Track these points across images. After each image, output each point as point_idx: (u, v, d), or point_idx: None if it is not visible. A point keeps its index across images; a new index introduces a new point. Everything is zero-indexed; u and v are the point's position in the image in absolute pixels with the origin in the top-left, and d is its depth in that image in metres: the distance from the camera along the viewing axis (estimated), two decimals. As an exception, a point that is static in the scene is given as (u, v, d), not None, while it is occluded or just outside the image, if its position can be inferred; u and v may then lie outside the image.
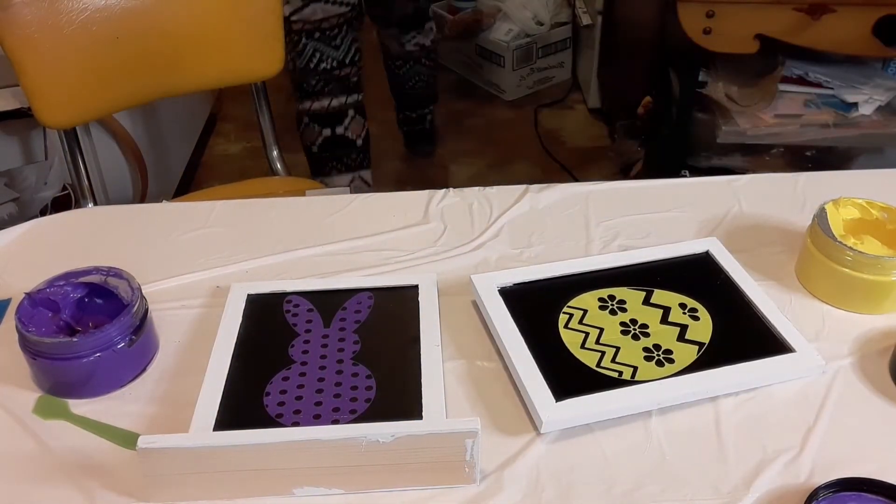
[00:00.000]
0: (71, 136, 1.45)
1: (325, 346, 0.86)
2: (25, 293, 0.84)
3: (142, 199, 2.04)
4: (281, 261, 0.99)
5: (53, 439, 0.77)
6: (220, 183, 2.42)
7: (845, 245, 0.89)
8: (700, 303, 0.90)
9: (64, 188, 1.85)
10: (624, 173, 2.34)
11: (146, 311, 0.85)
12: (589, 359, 0.83)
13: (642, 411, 0.79)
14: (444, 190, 1.11)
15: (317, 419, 0.78)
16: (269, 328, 0.88)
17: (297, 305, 0.91)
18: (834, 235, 0.90)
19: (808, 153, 1.91)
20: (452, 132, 2.73)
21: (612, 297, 0.91)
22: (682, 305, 0.90)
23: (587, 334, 0.86)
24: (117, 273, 0.86)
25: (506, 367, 0.84)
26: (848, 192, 0.98)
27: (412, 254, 1.00)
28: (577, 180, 2.42)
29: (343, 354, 0.85)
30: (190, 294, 0.94)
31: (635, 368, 0.82)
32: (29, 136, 1.87)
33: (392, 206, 1.09)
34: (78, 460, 0.75)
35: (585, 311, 0.89)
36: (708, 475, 0.73)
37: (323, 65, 1.94)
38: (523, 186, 1.11)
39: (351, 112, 2.01)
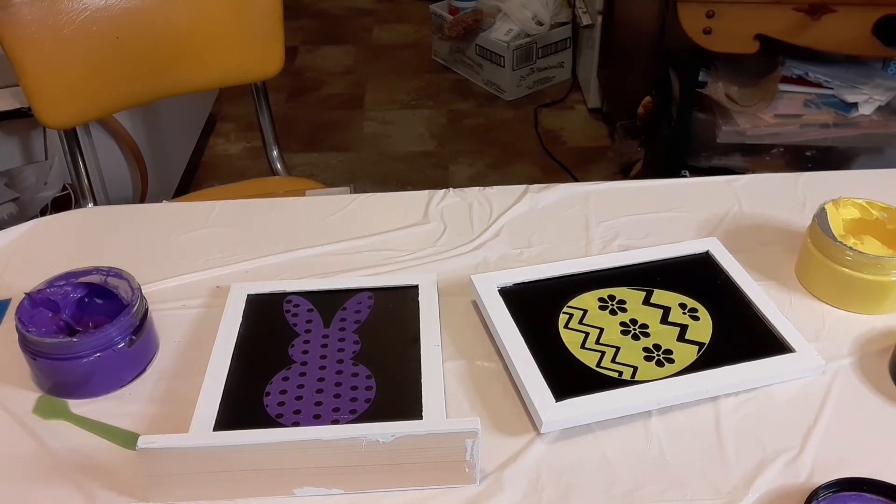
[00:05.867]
0: (71, 136, 1.45)
1: (325, 346, 0.86)
2: (25, 293, 0.84)
3: (142, 199, 2.04)
4: (281, 261, 0.99)
5: (53, 439, 0.77)
6: (220, 183, 2.42)
7: (845, 245, 0.89)
8: (700, 303, 0.90)
9: (64, 188, 1.85)
10: (624, 173, 2.34)
11: (146, 311, 0.85)
12: (589, 359, 0.83)
13: (642, 411, 0.79)
14: (444, 190, 1.11)
15: (317, 419, 0.78)
16: (269, 328, 0.88)
17: (297, 305, 0.91)
18: (834, 235, 0.90)
19: (808, 153, 1.91)
20: (452, 132, 2.74)
21: (612, 297, 0.91)
22: (682, 305, 0.90)
23: (587, 334, 0.86)
24: (117, 273, 0.86)
25: (506, 367, 0.84)
26: (848, 192, 0.98)
27: (412, 254, 1.00)
28: (577, 180, 2.42)
29: (343, 354, 0.85)
30: (190, 294, 0.94)
31: (635, 368, 0.82)
32: (29, 136, 1.87)
33: (392, 206, 1.09)
34: (78, 460, 0.75)
35: (585, 311, 0.89)
36: (708, 475, 0.73)
37: None
38: (523, 186, 1.11)
39: None
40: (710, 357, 0.83)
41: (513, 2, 2.85)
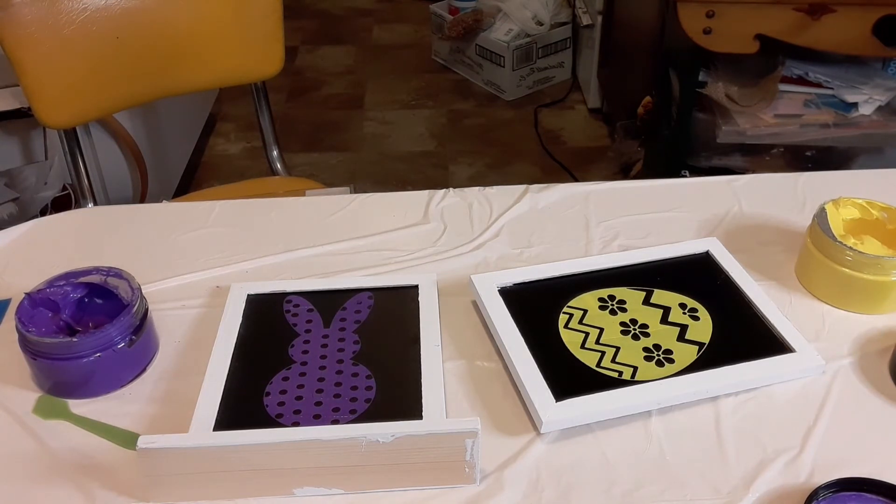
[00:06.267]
0: (71, 136, 1.45)
1: (325, 346, 0.86)
2: (25, 293, 0.84)
3: (142, 199, 2.04)
4: (281, 261, 0.99)
5: (53, 439, 0.77)
6: (220, 183, 2.42)
7: (845, 245, 0.89)
8: (700, 303, 0.90)
9: (64, 188, 1.85)
10: (624, 173, 2.34)
11: (146, 311, 0.85)
12: (589, 359, 0.83)
13: (642, 411, 0.79)
14: (444, 190, 1.11)
15: (317, 419, 0.78)
16: (269, 328, 0.88)
17: (297, 305, 0.91)
18: (834, 235, 0.90)
19: (808, 153, 1.91)
20: (452, 132, 2.74)
21: (612, 297, 0.91)
22: (682, 305, 0.90)
23: (587, 334, 0.86)
24: (117, 273, 0.86)
25: (506, 367, 0.84)
26: (848, 192, 0.98)
27: (412, 254, 1.00)
28: (577, 180, 2.42)
29: (343, 354, 0.85)
30: (190, 294, 0.94)
31: (635, 368, 0.82)
32: (29, 136, 1.87)
33: (392, 206, 1.09)
34: (78, 460, 0.75)
35: (585, 311, 0.89)
36: (708, 475, 0.73)
37: None
38: (523, 186, 1.11)
39: None
40: (710, 357, 0.83)
41: (513, 2, 2.85)
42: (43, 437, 0.78)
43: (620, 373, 0.81)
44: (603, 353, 0.84)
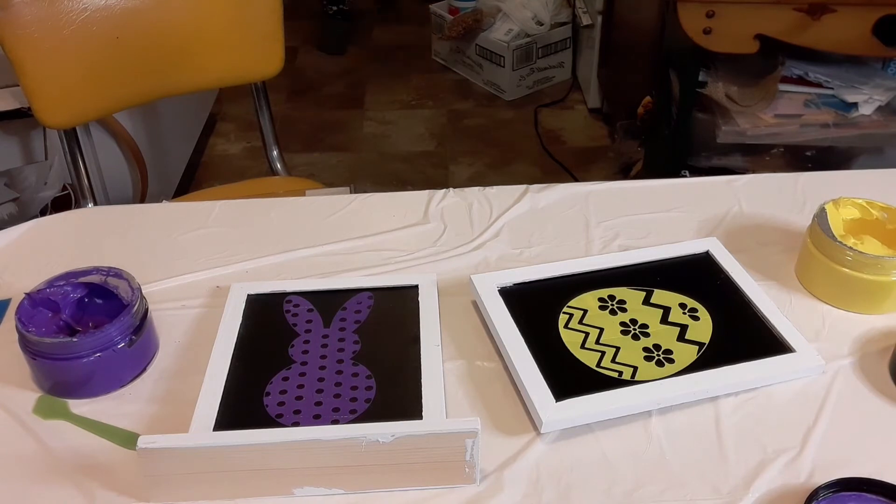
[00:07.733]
0: (71, 136, 1.45)
1: (325, 346, 0.86)
2: (25, 293, 0.84)
3: (142, 199, 2.04)
4: (281, 261, 0.99)
5: (53, 439, 0.77)
6: (220, 183, 2.42)
7: (845, 245, 0.89)
8: (700, 303, 0.90)
9: (64, 188, 1.85)
10: (624, 173, 2.34)
11: (146, 311, 0.85)
12: (589, 359, 0.83)
13: (642, 411, 0.79)
14: (444, 190, 1.11)
15: (317, 419, 0.78)
16: (269, 328, 0.88)
17: (297, 305, 0.91)
18: (834, 235, 0.90)
19: (808, 153, 1.91)
20: (452, 132, 2.74)
21: (612, 297, 0.91)
22: (682, 305, 0.90)
23: (587, 334, 0.86)
24: (117, 273, 0.86)
25: (506, 367, 0.84)
26: (848, 192, 0.98)
27: (412, 254, 1.00)
28: (577, 180, 2.42)
29: (343, 354, 0.85)
30: (190, 294, 0.94)
31: (635, 368, 0.82)
32: (29, 136, 1.87)
33: (392, 206, 1.09)
34: (78, 460, 0.75)
35: (585, 311, 0.89)
36: (708, 475, 0.73)
37: None
38: (523, 186, 1.11)
39: None
40: (710, 357, 0.83)
41: (513, 2, 2.85)
42: (43, 437, 0.78)
43: (620, 373, 0.81)
44: (603, 353, 0.84)
